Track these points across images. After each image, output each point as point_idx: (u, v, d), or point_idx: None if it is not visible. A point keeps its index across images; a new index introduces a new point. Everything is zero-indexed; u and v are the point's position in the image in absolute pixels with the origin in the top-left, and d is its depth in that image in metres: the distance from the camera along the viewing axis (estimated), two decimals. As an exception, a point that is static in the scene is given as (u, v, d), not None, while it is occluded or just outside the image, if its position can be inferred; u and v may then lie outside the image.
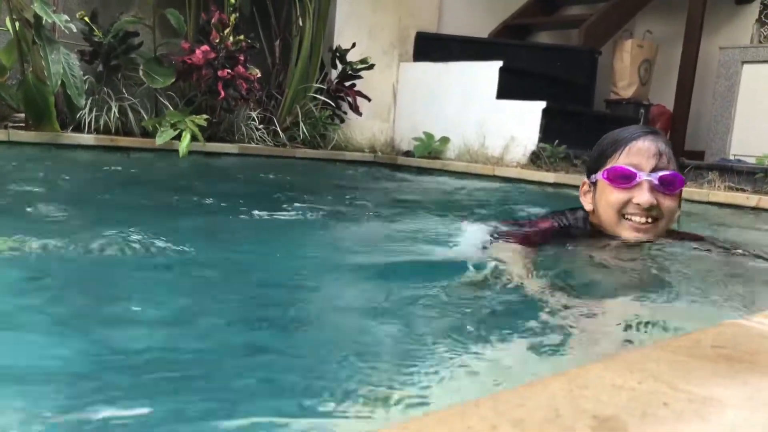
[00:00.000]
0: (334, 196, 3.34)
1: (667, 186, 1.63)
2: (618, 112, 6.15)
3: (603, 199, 1.70)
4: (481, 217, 2.59)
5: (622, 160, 1.66)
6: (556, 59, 5.88)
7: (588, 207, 1.80)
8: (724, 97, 5.82)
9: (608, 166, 1.69)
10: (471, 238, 1.86)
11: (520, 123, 4.87)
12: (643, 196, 1.62)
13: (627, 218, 1.67)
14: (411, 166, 5.14)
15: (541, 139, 4.74)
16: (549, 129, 4.77)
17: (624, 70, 6.22)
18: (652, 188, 1.63)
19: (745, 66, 5.74)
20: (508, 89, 5.07)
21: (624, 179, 1.64)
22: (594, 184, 1.76)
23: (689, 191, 3.46)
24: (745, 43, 6.01)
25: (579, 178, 4.17)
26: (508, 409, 0.52)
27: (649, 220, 1.65)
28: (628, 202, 1.65)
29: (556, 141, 4.65)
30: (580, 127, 5.05)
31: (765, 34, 5.93)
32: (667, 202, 1.65)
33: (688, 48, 5.95)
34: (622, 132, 1.72)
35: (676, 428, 0.51)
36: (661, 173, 1.63)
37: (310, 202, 2.86)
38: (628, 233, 1.67)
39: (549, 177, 4.24)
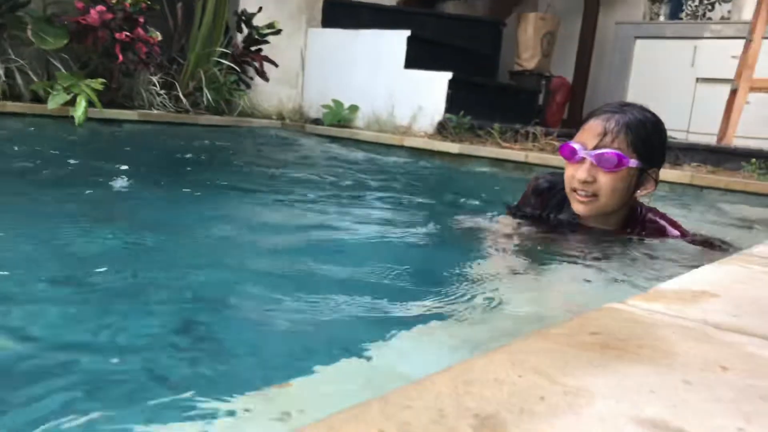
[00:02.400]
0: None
1: (603, 164, 1.72)
2: (521, 84, 6.32)
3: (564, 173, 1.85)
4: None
5: (575, 137, 1.80)
6: (462, 29, 5.95)
7: None
8: (618, 71, 6.10)
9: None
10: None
11: (428, 93, 4.93)
12: (579, 171, 1.75)
13: (574, 191, 1.80)
14: (320, 134, 5.11)
15: (447, 110, 4.83)
16: (455, 99, 4.86)
17: (527, 41, 6.38)
18: (592, 165, 1.74)
19: (638, 41, 6.03)
20: (416, 59, 5.10)
21: (570, 155, 1.78)
22: None
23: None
24: (638, 19, 6.30)
25: (482, 149, 4.32)
26: (396, 411, 0.54)
27: (588, 194, 1.77)
28: (573, 177, 1.78)
29: (462, 111, 4.74)
30: (485, 97, 5.17)
31: (656, 11, 6.23)
32: (605, 179, 1.74)
33: (586, 22, 6.19)
34: (594, 111, 1.84)
35: (551, 423, 0.55)
36: (598, 151, 1.72)
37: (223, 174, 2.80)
38: (575, 205, 1.82)
39: (454, 148, 4.33)
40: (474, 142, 4.51)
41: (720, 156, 3.92)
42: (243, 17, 5.10)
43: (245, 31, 5.12)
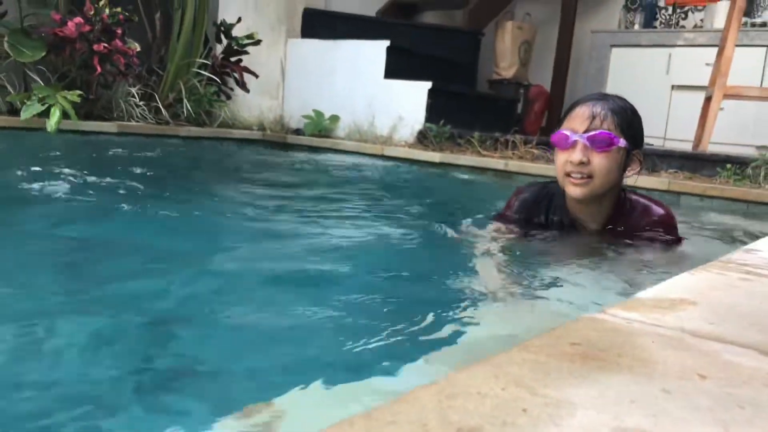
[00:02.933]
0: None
1: (596, 144, 1.78)
2: (500, 92, 6.37)
3: (555, 162, 1.89)
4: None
5: (563, 125, 1.86)
6: (441, 39, 6.00)
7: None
8: (594, 79, 6.17)
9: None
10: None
11: (407, 103, 4.95)
12: (572, 154, 1.80)
13: (568, 176, 1.84)
14: (301, 144, 5.11)
15: (428, 119, 4.86)
16: (435, 109, 4.89)
17: (505, 51, 6.44)
18: (585, 147, 1.79)
19: (614, 49, 6.11)
20: (395, 69, 5.13)
21: (562, 142, 1.83)
22: None
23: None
24: (613, 27, 6.39)
25: (463, 158, 4.34)
26: (380, 426, 0.55)
27: (583, 176, 1.81)
28: (567, 161, 1.83)
29: (442, 121, 4.77)
30: (465, 107, 5.21)
31: (631, 19, 6.32)
32: (599, 160, 1.80)
33: (563, 31, 6.25)
34: (576, 101, 1.90)
35: (532, 435, 0.55)
36: (590, 133, 1.78)
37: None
38: (570, 189, 1.86)
39: (435, 157, 4.35)
40: (454, 150, 4.53)
41: (696, 162, 3.98)
42: (222, 28, 5.09)
43: (224, 41, 5.12)
